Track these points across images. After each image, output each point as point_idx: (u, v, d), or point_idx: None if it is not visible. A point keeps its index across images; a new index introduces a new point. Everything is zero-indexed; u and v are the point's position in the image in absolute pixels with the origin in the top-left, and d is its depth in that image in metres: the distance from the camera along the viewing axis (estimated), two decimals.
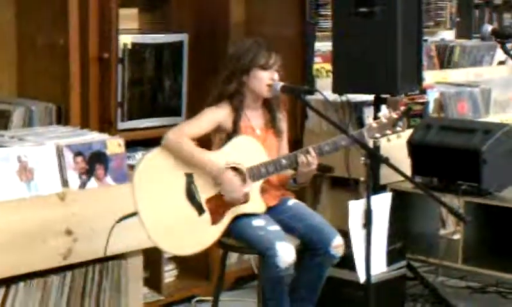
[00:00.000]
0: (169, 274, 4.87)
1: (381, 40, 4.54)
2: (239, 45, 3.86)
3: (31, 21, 4.49)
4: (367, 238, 3.45)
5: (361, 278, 3.52)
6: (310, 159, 3.66)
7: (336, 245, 3.65)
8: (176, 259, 4.77)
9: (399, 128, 3.76)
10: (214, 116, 3.70)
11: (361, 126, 4.61)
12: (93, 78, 4.40)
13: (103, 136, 4.04)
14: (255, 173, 3.65)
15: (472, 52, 6.66)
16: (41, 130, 4.09)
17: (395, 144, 4.15)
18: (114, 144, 3.98)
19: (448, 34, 7.18)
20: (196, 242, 3.63)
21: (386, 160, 3.55)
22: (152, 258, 4.44)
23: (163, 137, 3.62)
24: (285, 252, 3.51)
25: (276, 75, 3.74)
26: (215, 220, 3.63)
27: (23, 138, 3.84)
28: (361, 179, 4.58)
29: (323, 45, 5.53)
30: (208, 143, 3.75)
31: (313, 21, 5.33)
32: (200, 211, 3.61)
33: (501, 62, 6.81)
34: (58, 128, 4.16)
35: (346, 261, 3.69)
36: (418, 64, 4.81)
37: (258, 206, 3.69)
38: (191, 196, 3.61)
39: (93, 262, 3.84)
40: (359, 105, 5.05)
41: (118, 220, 3.69)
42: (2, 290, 3.57)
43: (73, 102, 4.36)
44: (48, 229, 3.64)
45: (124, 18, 4.69)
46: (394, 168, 3.49)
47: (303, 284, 3.71)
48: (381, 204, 3.61)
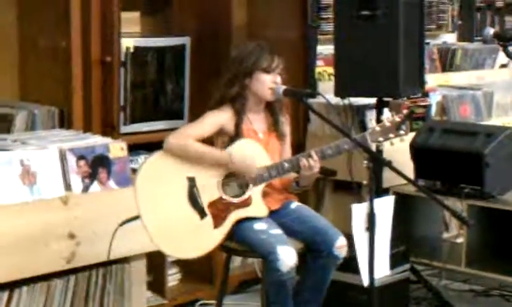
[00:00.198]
0: (173, 277, 4.87)
1: (383, 43, 4.54)
2: (241, 48, 3.86)
3: (33, 24, 4.50)
4: (370, 242, 3.45)
5: (365, 281, 3.52)
6: (312, 163, 3.65)
7: (340, 245, 3.65)
8: (180, 262, 4.77)
9: (402, 131, 3.74)
10: (216, 119, 3.70)
11: (363, 130, 4.61)
12: (96, 82, 4.40)
13: (106, 140, 4.04)
14: (257, 176, 3.65)
15: (474, 55, 6.65)
16: (44, 133, 4.09)
17: (398, 147, 4.14)
18: (117, 148, 3.98)
19: (450, 37, 7.17)
20: (198, 245, 3.62)
21: (389, 164, 3.54)
22: (156, 262, 4.44)
23: (164, 141, 3.62)
24: (286, 256, 3.50)
25: (278, 79, 3.73)
26: (217, 223, 3.63)
27: (26, 142, 3.84)
28: (364, 182, 4.58)
29: (325, 48, 5.53)
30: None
31: (315, 24, 5.33)
32: (202, 215, 3.61)
33: (503, 66, 6.80)
34: (61, 132, 4.16)
35: (350, 264, 3.68)
36: (420, 67, 4.81)
37: (260, 210, 3.69)
38: (193, 199, 3.61)
39: (96, 266, 3.84)
40: (361, 109, 5.05)
41: (121, 224, 3.69)
42: (6, 294, 3.57)
43: (76, 105, 4.36)
44: (51, 233, 3.64)
45: (126, 21, 4.69)
46: (397, 171, 3.48)
47: (307, 286, 3.70)
48: (384, 207, 3.61)
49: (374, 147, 3.91)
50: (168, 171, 3.59)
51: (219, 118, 3.70)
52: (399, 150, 4.59)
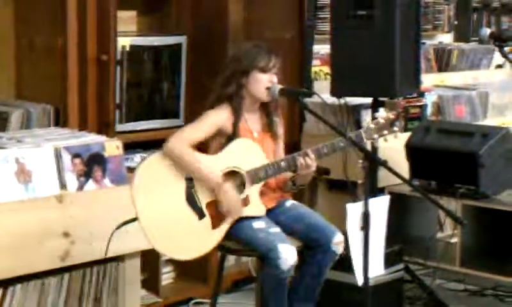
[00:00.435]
0: (167, 276, 4.87)
1: (379, 43, 4.55)
2: (238, 47, 3.87)
3: (29, 22, 4.50)
4: (364, 241, 3.45)
5: (359, 281, 3.52)
6: (308, 161, 3.66)
7: (338, 241, 3.65)
8: (174, 261, 4.77)
9: (396, 128, 3.79)
10: (215, 119, 3.69)
11: (359, 129, 4.61)
12: (92, 80, 4.40)
13: (101, 138, 4.03)
14: (254, 176, 3.65)
15: (470, 55, 6.66)
16: (40, 131, 4.08)
17: (393, 147, 4.16)
18: (113, 146, 3.97)
19: (446, 38, 7.19)
20: (197, 246, 3.61)
21: (384, 163, 3.55)
22: (150, 260, 4.44)
23: (164, 144, 3.58)
24: (287, 254, 3.50)
25: (275, 78, 3.73)
26: (215, 224, 3.62)
27: (21, 140, 3.84)
28: (359, 181, 4.60)
29: (321, 48, 5.54)
30: (205, 145, 3.74)
31: (311, 24, 5.33)
32: (201, 215, 3.60)
33: (499, 66, 6.82)
34: (56, 130, 4.15)
35: (344, 263, 3.69)
36: (416, 68, 4.82)
37: (258, 209, 3.69)
38: (192, 200, 3.60)
39: (90, 264, 3.83)
40: (357, 108, 5.06)
41: (118, 226, 3.66)
42: (0, 292, 3.57)
43: (72, 103, 4.36)
44: (46, 231, 3.64)
45: (123, 20, 4.69)
46: (392, 171, 3.49)
47: (303, 284, 3.70)
48: (379, 207, 3.61)
49: (369, 145, 3.93)
50: (166, 172, 3.57)
51: (218, 118, 3.69)
52: (395, 150, 4.61)
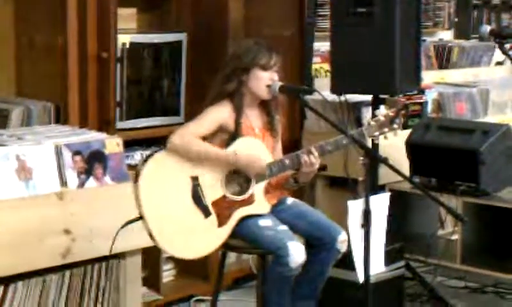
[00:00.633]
0: (168, 273, 4.87)
1: (379, 40, 4.54)
2: (239, 45, 3.86)
3: (30, 20, 4.50)
4: (365, 238, 3.45)
5: (360, 278, 3.52)
6: (312, 159, 3.66)
7: (342, 240, 3.65)
8: (175, 259, 4.75)
9: (395, 125, 3.79)
10: (217, 115, 3.68)
11: (359, 126, 4.61)
12: (92, 78, 4.40)
13: (101, 135, 4.04)
14: (259, 174, 3.65)
15: (470, 52, 6.66)
16: (40, 129, 4.09)
17: (394, 144, 4.16)
18: (113, 144, 3.97)
19: (446, 35, 7.19)
20: (203, 244, 3.60)
21: (385, 161, 3.55)
22: (151, 258, 4.44)
23: (168, 141, 3.57)
24: (296, 252, 3.50)
25: (275, 76, 3.73)
26: (221, 222, 3.61)
27: (22, 137, 3.84)
28: (360, 179, 4.60)
29: (322, 45, 5.54)
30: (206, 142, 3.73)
31: (311, 21, 5.33)
32: (207, 214, 3.59)
33: (499, 63, 6.81)
34: (57, 127, 4.15)
35: (345, 261, 3.69)
36: (416, 65, 4.81)
37: (263, 207, 3.68)
38: (197, 198, 3.58)
39: (91, 261, 3.84)
40: (357, 105, 5.05)
41: (123, 226, 3.63)
42: (1, 289, 3.57)
43: (72, 101, 4.36)
44: (47, 229, 3.64)
45: (123, 17, 4.69)
46: (393, 168, 3.49)
47: (305, 281, 3.68)
48: (380, 204, 3.61)
49: (369, 143, 3.92)
50: (171, 171, 3.56)
51: (220, 114, 3.68)
52: (395, 147, 4.61)
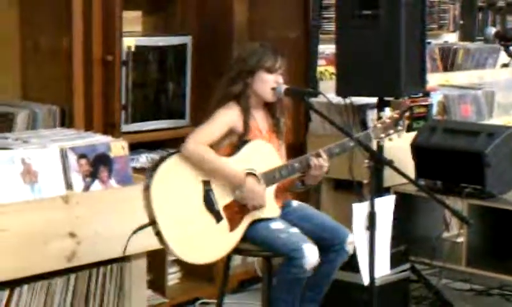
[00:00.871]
0: (173, 276, 4.87)
1: (384, 43, 4.55)
2: (245, 47, 3.86)
3: (35, 23, 4.50)
4: (370, 241, 3.45)
5: (365, 281, 3.52)
6: (322, 162, 3.67)
7: (351, 241, 3.65)
8: (180, 261, 4.75)
9: (400, 127, 3.83)
10: (227, 118, 3.66)
11: (364, 129, 4.62)
12: (97, 81, 4.41)
13: (107, 138, 4.03)
14: (269, 177, 3.64)
15: (475, 54, 6.66)
16: (45, 132, 4.08)
17: (399, 147, 4.16)
18: (118, 147, 3.97)
19: (451, 37, 7.19)
20: (215, 249, 3.59)
21: (390, 163, 3.55)
22: (156, 261, 4.44)
23: (182, 147, 3.54)
24: (311, 254, 3.51)
25: (280, 79, 3.73)
26: (233, 226, 3.60)
27: (27, 140, 3.84)
28: (365, 181, 4.59)
29: (327, 48, 5.54)
30: (215, 145, 3.71)
31: (316, 23, 5.33)
32: (218, 218, 3.57)
33: (504, 65, 6.81)
34: (62, 131, 4.15)
35: (350, 263, 3.69)
36: (421, 67, 4.81)
37: (273, 211, 3.69)
38: (209, 203, 3.56)
39: (97, 265, 3.83)
40: (362, 108, 5.05)
41: (135, 231, 3.61)
42: (6, 293, 3.57)
43: (77, 104, 4.36)
44: (52, 232, 3.64)
45: (128, 20, 4.70)
46: (398, 171, 3.49)
47: (312, 283, 3.67)
48: (385, 206, 3.61)
49: (375, 145, 3.93)
50: (183, 176, 3.53)
51: (230, 118, 3.67)
52: (400, 149, 4.61)
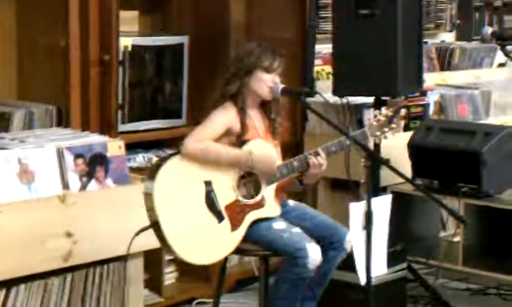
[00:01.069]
0: (170, 276, 4.87)
1: (381, 42, 4.55)
2: (243, 47, 3.86)
3: (32, 23, 4.50)
4: (367, 240, 3.45)
5: (362, 280, 3.52)
6: (320, 160, 3.68)
7: (349, 240, 3.66)
8: (177, 261, 4.76)
9: (393, 125, 3.83)
10: (224, 118, 3.66)
11: (361, 128, 4.62)
12: (94, 81, 4.40)
13: (103, 138, 4.04)
14: (270, 176, 3.65)
15: (472, 54, 6.66)
16: (42, 132, 4.09)
17: (395, 146, 4.16)
18: (115, 147, 3.98)
19: (448, 37, 7.18)
20: (218, 250, 3.59)
21: (387, 162, 3.55)
22: (153, 260, 4.44)
23: (183, 147, 3.54)
24: (315, 254, 3.52)
25: (278, 79, 3.73)
26: (234, 226, 3.60)
27: (24, 140, 3.84)
28: (362, 181, 4.59)
29: (323, 47, 5.54)
30: None
31: (313, 23, 5.33)
32: (220, 218, 3.57)
33: (501, 65, 6.82)
34: (58, 130, 4.16)
35: (347, 263, 3.69)
36: (418, 67, 4.81)
37: (273, 210, 3.69)
38: (211, 203, 3.57)
39: (93, 264, 3.84)
40: (359, 107, 5.06)
41: (138, 232, 3.62)
42: (3, 292, 3.57)
43: (74, 104, 4.36)
44: (49, 232, 3.64)
45: (124, 20, 4.69)
46: (395, 170, 3.49)
47: (309, 280, 3.68)
48: (382, 206, 3.61)
49: (371, 144, 3.93)
50: (185, 176, 3.53)
51: (227, 117, 3.67)
52: (397, 149, 4.62)
